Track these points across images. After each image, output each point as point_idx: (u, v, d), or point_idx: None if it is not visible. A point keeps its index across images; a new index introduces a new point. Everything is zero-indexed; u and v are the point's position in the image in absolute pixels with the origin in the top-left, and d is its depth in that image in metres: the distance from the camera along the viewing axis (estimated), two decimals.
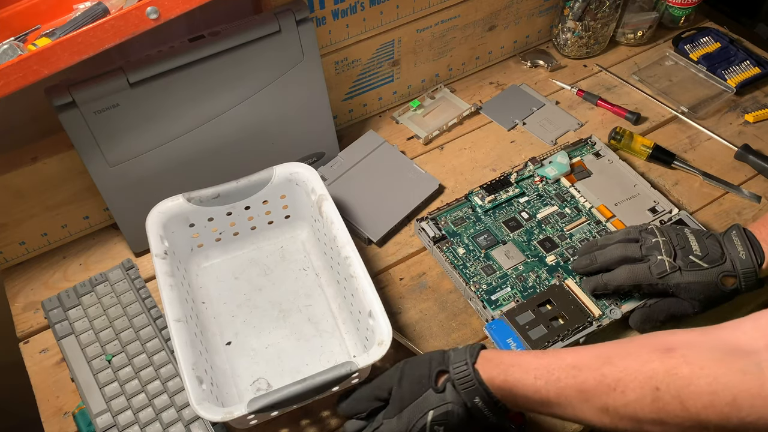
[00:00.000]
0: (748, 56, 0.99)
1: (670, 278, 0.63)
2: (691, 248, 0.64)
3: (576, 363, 0.50)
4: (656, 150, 0.87)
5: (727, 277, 0.63)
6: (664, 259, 0.64)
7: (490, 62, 1.03)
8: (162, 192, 0.71)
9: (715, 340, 0.47)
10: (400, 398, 0.56)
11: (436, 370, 0.56)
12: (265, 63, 0.74)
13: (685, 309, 0.65)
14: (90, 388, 0.65)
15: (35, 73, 0.54)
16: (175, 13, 0.58)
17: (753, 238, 0.63)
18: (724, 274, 0.62)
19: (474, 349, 0.56)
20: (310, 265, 0.76)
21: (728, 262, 0.63)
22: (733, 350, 0.45)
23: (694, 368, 0.45)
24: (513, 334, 0.66)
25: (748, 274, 0.62)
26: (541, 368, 0.51)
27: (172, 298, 0.62)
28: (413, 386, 0.56)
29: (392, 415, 0.55)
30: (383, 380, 0.58)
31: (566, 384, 0.50)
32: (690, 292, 0.63)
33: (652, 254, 0.65)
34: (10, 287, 0.76)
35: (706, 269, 0.63)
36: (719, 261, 0.63)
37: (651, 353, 0.47)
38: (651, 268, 0.64)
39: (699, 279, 0.63)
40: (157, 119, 0.70)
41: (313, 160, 0.85)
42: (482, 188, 0.81)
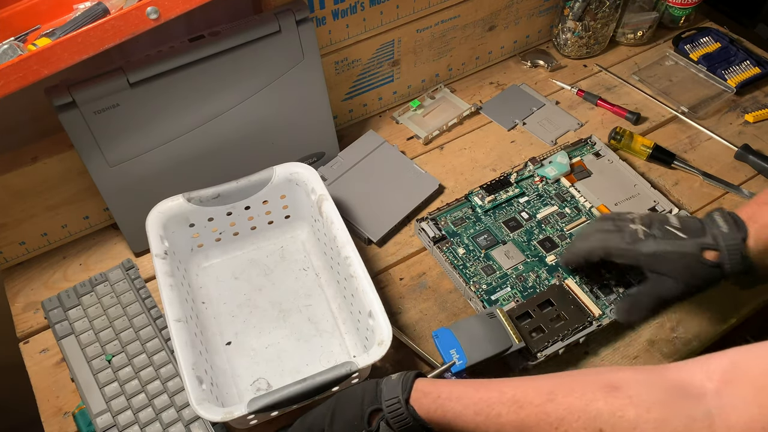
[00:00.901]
0: (748, 56, 0.99)
1: (644, 245, 0.59)
2: (668, 220, 0.61)
3: (518, 398, 0.47)
4: (656, 150, 0.87)
5: (709, 251, 0.58)
6: (637, 227, 0.61)
7: (490, 62, 1.03)
8: (162, 192, 0.71)
9: (663, 380, 0.44)
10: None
11: (369, 410, 0.53)
12: (265, 63, 0.74)
13: (669, 288, 0.60)
14: (90, 388, 0.65)
15: (35, 73, 0.54)
16: (175, 13, 0.58)
17: (735, 215, 0.59)
18: (705, 246, 0.58)
19: (407, 382, 0.53)
20: (310, 265, 0.76)
21: (709, 236, 0.58)
22: (682, 393, 0.42)
23: (640, 410, 0.42)
24: (457, 344, 0.62)
25: (732, 247, 0.57)
26: (481, 402, 0.49)
27: (172, 298, 0.62)
28: (345, 429, 0.53)
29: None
30: (314, 421, 0.55)
31: (507, 420, 0.47)
32: (669, 264, 0.59)
33: (626, 225, 0.62)
34: (10, 287, 0.76)
35: (685, 239, 0.59)
36: (699, 234, 0.59)
37: (596, 391, 0.44)
38: (624, 235, 0.61)
39: (677, 248, 0.58)
40: (157, 119, 0.70)
41: (313, 160, 0.85)
42: (482, 188, 0.81)
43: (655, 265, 0.60)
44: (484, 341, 0.62)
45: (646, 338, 0.70)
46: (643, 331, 0.71)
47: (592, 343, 0.70)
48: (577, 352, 0.69)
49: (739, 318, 0.72)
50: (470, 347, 0.62)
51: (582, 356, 0.69)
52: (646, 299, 0.62)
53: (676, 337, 0.70)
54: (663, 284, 0.60)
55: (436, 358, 0.68)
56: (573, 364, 0.68)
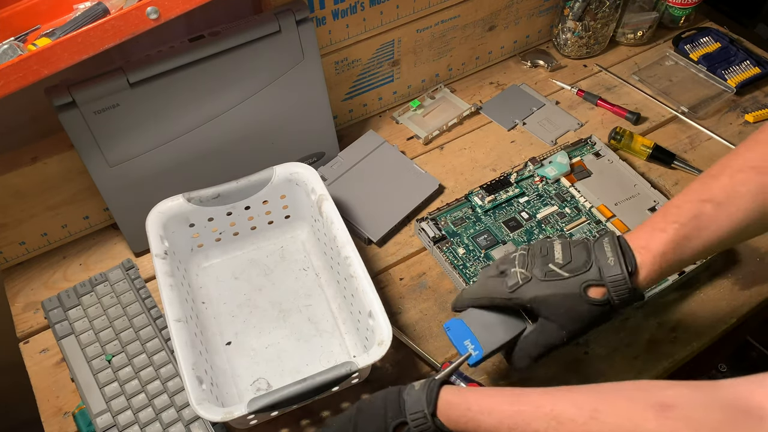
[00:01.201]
0: (748, 56, 0.99)
1: (524, 291, 0.54)
2: (553, 257, 0.55)
3: (557, 414, 0.44)
4: (656, 150, 0.87)
5: (594, 287, 0.53)
6: (516, 270, 0.56)
7: (490, 62, 1.03)
8: (162, 192, 0.71)
9: (720, 399, 0.40)
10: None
11: (393, 424, 0.50)
12: (265, 63, 0.74)
13: (552, 334, 0.55)
14: (90, 388, 0.65)
15: (35, 73, 0.54)
16: (175, 13, 0.58)
17: (626, 245, 0.54)
18: (589, 283, 0.53)
19: (432, 393, 0.50)
20: (310, 265, 0.76)
21: (593, 270, 0.53)
22: (742, 415, 0.39)
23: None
24: (471, 335, 0.59)
25: (617, 283, 0.52)
26: (516, 417, 0.46)
27: (172, 298, 0.62)
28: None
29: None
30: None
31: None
32: (552, 307, 0.54)
33: (507, 268, 0.57)
34: (10, 287, 0.76)
35: (566, 278, 0.53)
36: (582, 269, 0.53)
37: (646, 410, 0.41)
38: (505, 281, 0.56)
39: (558, 290, 0.53)
40: (157, 119, 0.70)
41: (313, 160, 0.85)
42: (482, 188, 0.81)
43: (541, 309, 0.55)
44: (498, 327, 0.59)
45: (646, 338, 0.70)
46: (643, 331, 0.71)
47: (592, 343, 0.70)
48: (577, 352, 0.69)
49: (739, 318, 0.72)
50: (484, 335, 0.59)
51: (582, 356, 0.69)
52: (531, 347, 0.57)
53: (676, 337, 0.70)
54: (546, 330, 0.56)
55: (436, 357, 0.68)
56: (573, 364, 0.68)
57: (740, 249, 0.78)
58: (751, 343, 1.18)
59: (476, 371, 0.68)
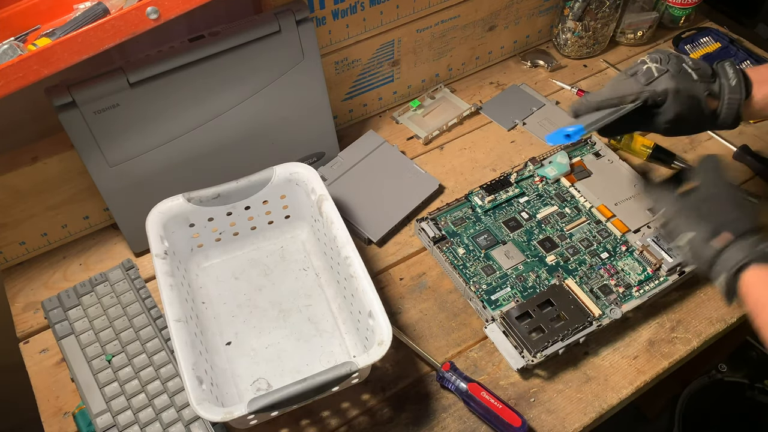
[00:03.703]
0: (748, 56, 0.99)
1: (659, 83, 0.59)
2: (684, 59, 0.61)
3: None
4: (656, 150, 0.87)
5: (711, 99, 0.60)
6: (650, 66, 0.60)
7: (490, 62, 1.03)
8: (162, 192, 0.71)
9: None
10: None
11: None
12: (265, 63, 0.74)
13: (662, 116, 0.60)
14: (90, 388, 0.65)
15: (35, 73, 0.54)
16: (175, 13, 0.58)
17: (745, 73, 0.61)
18: (711, 92, 0.59)
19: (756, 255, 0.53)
20: (310, 265, 0.76)
21: (717, 84, 0.60)
22: None
23: None
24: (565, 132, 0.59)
25: (732, 102, 0.59)
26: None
27: (172, 298, 0.62)
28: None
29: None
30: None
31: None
32: (678, 101, 0.59)
33: (638, 69, 0.61)
34: (10, 287, 0.76)
35: (695, 81, 0.59)
36: (709, 79, 0.60)
37: None
38: (638, 77, 0.60)
39: (687, 88, 0.59)
40: (157, 119, 0.70)
41: (313, 160, 0.85)
42: (482, 188, 0.81)
43: (667, 101, 0.60)
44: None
45: (646, 338, 0.70)
46: (643, 331, 0.71)
47: (592, 343, 0.70)
48: (577, 351, 0.69)
49: (739, 318, 0.72)
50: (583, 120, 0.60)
51: (582, 356, 0.69)
52: (631, 115, 0.61)
53: (676, 337, 0.70)
54: (662, 112, 0.60)
55: (436, 357, 0.68)
56: (573, 364, 0.68)
57: None
58: (751, 343, 1.18)
59: (476, 371, 0.68)
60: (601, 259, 0.74)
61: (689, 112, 0.59)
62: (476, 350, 0.70)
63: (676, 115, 0.59)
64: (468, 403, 0.64)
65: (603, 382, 0.67)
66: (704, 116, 0.60)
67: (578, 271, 0.73)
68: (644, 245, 0.74)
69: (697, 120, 0.61)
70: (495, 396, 0.63)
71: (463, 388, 0.64)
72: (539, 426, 0.64)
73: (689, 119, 0.60)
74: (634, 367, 0.68)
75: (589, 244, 0.76)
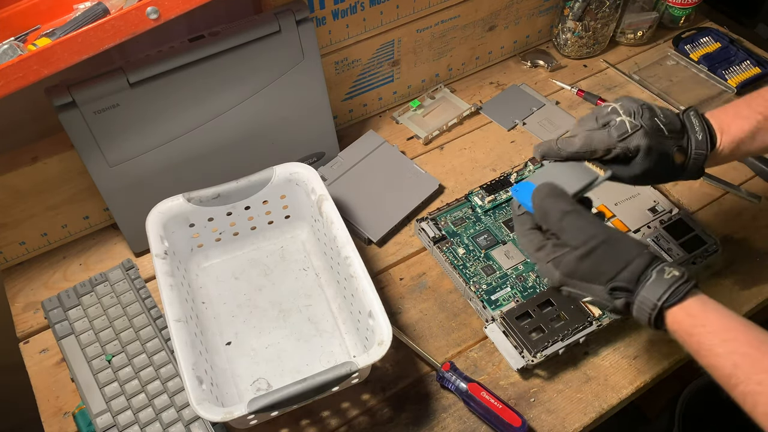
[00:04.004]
0: (748, 56, 0.99)
1: (632, 139, 0.57)
2: (656, 112, 0.58)
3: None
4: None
5: (679, 153, 0.58)
6: (624, 120, 0.57)
7: (490, 62, 1.03)
8: (162, 192, 0.71)
9: None
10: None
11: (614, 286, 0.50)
12: (265, 63, 0.74)
13: (631, 171, 0.58)
14: (90, 388, 0.65)
15: (35, 73, 0.54)
16: (175, 13, 0.58)
17: (710, 125, 0.59)
18: (679, 147, 0.58)
19: (678, 295, 0.49)
20: (310, 265, 0.76)
21: (685, 138, 0.58)
22: None
23: None
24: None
25: (699, 157, 0.58)
26: (751, 360, 0.46)
27: (172, 298, 0.62)
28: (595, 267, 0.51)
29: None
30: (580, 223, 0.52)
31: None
32: (646, 159, 0.57)
33: (612, 118, 0.58)
34: (10, 287, 0.76)
35: (666, 137, 0.57)
36: (679, 134, 0.58)
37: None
38: (610, 131, 0.57)
39: (658, 145, 0.57)
40: (157, 119, 0.70)
41: (313, 160, 0.85)
42: (482, 188, 0.81)
43: (638, 156, 0.58)
44: (567, 181, 0.57)
45: (646, 338, 0.70)
46: (643, 331, 0.71)
47: (592, 343, 0.70)
48: (576, 352, 0.69)
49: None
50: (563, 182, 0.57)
51: (582, 356, 0.69)
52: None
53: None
54: (630, 168, 0.59)
55: (436, 357, 0.68)
56: (572, 364, 0.68)
57: (740, 249, 0.78)
58: None
59: (476, 371, 0.68)
60: None
61: (657, 167, 0.58)
62: (476, 350, 0.70)
63: (645, 171, 0.58)
64: (468, 403, 0.64)
65: (603, 382, 0.67)
66: (671, 170, 0.59)
67: None
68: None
69: (663, 173, 0.59)
70: (495, 396, 0.63)
71: (463, 388, 0.64)
72: (539, 426, 0.64)
73: (655, 173, 0.58)
74: (634, 367, 0.68)
75: None
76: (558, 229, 0.53)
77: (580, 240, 0.51)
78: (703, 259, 0.74)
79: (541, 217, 0.54)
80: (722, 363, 0.46)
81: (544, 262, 0.53)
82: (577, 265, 0.51)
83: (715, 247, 0.74)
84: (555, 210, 0.53)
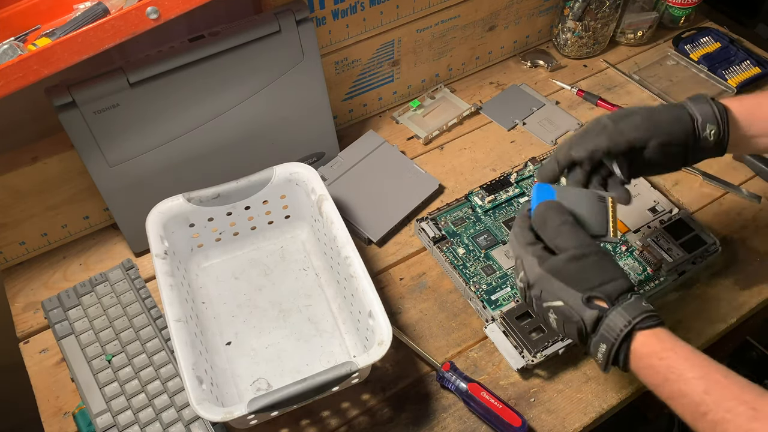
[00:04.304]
0: (748, 56, 0.99)
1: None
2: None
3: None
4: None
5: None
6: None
7: (490, 62, 1.03)
8: (162, 192, 0.71)
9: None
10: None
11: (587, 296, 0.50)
12: (265, 63, 0.74)
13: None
14: (90, 388, 0.65)
15: (35, 73, 0.54)
16: (175, 13, 0.58)
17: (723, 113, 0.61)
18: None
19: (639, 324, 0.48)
20: (310, 265, 0.76)
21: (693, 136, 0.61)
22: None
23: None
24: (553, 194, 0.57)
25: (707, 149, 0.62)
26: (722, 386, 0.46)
27: (172, 298, 0.62)
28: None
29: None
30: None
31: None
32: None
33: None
34: (10, 287, 0.76)
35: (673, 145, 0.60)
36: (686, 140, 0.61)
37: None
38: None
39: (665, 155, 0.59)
40: (157, 119, 0.70)
41: (313, 160, 0.85)
42: (482, 188, 0.81)
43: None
44: (581, 217, 0.56)
45: None
46: None
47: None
48: (577, 351, 0.69)
49: (739, 318, 0.72)
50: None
51: (582, 356, 0.69)
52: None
53: None
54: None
55: (436, 357, 0.68)
56: (573, 364, 0.68)
57: (740, 249, 0.78)
58: (751, 343, 1.18)
59: (476, 371, 0.68)
60: None
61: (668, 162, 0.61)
62: (476, 350, 0.70)
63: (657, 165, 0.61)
64: (468, 403, 0.64)
65: (603, 382, 0.67)
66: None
67: None
68: (644, 245, 0.74)
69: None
70: (495, 396, 0.63)
71: (463, 388, 0.64)
72: (539, 426, 0.64)
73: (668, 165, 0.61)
74: None
75: None
76: (555, 235, 0.53)
77: (574, 244, 0.51)
78: (703, 259, 0.74)
79: (540, 223, 0.54)
80: (692, 388, 0.46)
81: (529, 255, 0.53)
82: (564, 265, 0.51)
83: (715, 247, 0.74)
84: (555, 219, 0.53)
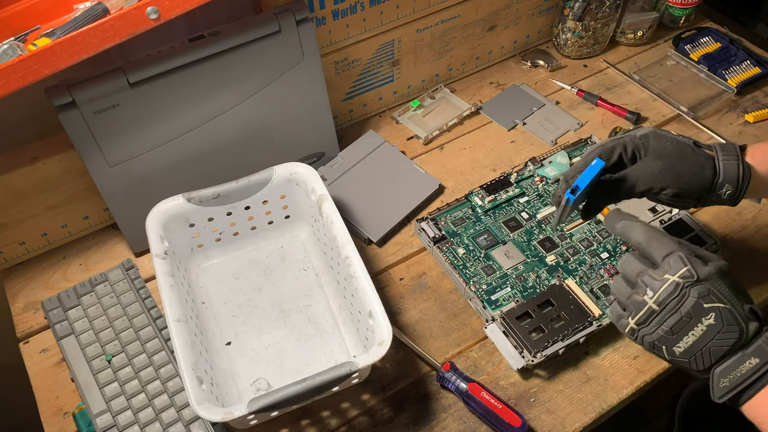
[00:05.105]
0: (748, 56, 0.99)
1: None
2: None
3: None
4: None
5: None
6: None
7: (490, 62, 1.03)
8: (162, 192, 0.71)
9: None
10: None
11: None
12: (265, 63, 0.74)
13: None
14: (90, 388, 0.65)
15: (35, 73, 0.54)
16: (175, 13, 0.58)
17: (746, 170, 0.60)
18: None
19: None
20: (310, 265, 0.76)
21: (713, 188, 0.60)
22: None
23: None
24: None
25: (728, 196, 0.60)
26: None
27: (172, 298, 0.62)
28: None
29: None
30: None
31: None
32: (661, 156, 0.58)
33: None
34: (10, 287, 0.76)
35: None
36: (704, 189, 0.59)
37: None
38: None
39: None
40: (157, 119, 0.70)
41: (313, 160, 0.85)
42: (482, 188, 0.81)
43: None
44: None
45: None
46: None
47: (592, 343, 0.70)
48: (577, 352, 0.69)
49: None
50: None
51: (582, 356, 0.69)
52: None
53: None
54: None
55: (436, 357, 0.68)
56: (573, 364, 0.68)
57: (740, 249, 0.78)
58: None
59: (476, 371, 0.68)
60: (601, 259, 0.74)
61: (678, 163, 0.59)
62: (476, 350, 0.70)
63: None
64: (468, 403, 0.64)
65: (603, 382, 0.67)
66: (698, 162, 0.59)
67: (578, 271, 0.73)
68: None
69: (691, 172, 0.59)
70: (495, 396, 0.63)
71: (463, 388, 0.64)
72: (539, 426, 0.64)
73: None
74: (634, 367, 0.68)
75: (589, 244, 0.76)
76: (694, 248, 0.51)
77: (715, 257, 0.50)
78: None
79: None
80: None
81: (686, 253, 0.49)
82: (729, 271, 0.49)
83: (715, 247, 0.74)
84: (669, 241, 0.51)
